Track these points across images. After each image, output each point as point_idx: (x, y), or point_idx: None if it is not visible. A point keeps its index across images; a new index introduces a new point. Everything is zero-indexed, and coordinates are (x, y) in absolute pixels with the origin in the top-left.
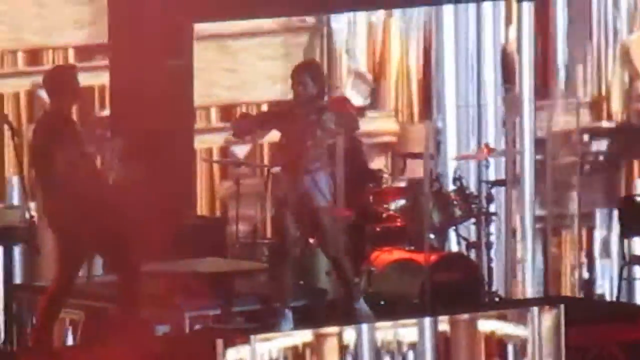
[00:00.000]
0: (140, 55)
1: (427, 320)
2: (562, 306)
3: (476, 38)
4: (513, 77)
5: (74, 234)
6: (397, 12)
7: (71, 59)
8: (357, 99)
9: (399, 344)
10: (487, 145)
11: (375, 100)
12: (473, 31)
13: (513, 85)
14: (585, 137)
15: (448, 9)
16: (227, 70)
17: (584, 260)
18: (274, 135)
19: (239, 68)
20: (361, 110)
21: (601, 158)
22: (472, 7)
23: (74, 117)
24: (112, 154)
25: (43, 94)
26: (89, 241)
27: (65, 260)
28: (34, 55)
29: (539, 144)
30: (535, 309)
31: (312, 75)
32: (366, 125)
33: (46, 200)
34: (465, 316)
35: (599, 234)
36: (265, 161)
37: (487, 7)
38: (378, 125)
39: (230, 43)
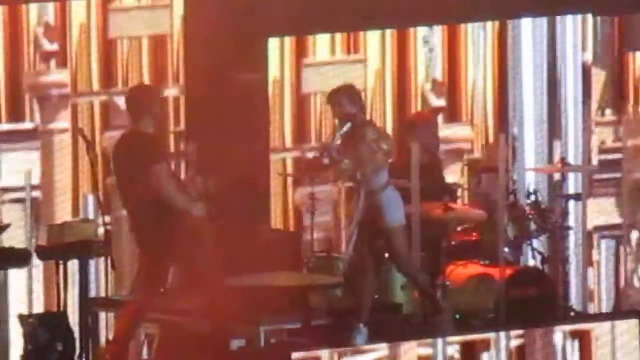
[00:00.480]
0: (215, 68)
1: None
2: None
3: (555, 52)
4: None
5: (161, 250)
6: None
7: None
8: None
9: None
10: (562, 160)
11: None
12: (552, 44)
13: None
14: None
15: (526, 22)
16: None
17: None
18: None
19: None
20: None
21: None
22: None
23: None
24: (193, 170)
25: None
26: (174, 257)
27: (150, 275)
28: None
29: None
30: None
31: (347, 96)
32: (442, 132)
33: (133, 218)
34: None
35: None
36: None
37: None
38: (453, 131)
39: None
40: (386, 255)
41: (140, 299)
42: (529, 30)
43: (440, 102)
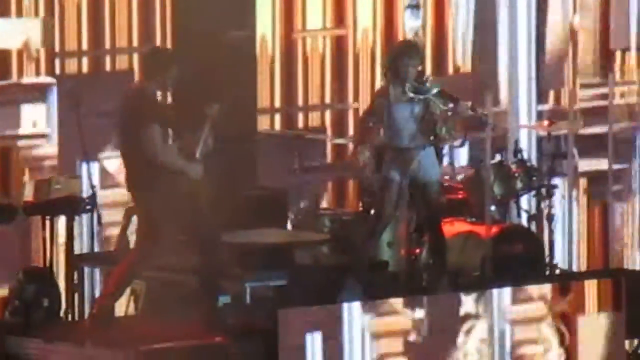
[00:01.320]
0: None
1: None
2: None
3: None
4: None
5: (157, 210)
6: None
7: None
8: None
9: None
10: (548, 119)
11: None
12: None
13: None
14: None
15: None
16: None
17: None
18: None
19: None
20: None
21: None
22: None
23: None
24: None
25: None
26: (169, 216)
27: (148, 233)
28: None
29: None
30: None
31: (417, 51)
32: None
33: (130, 175)
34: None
35: None
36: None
37: None
38: None
39: None
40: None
41: (135, 256)
42: None
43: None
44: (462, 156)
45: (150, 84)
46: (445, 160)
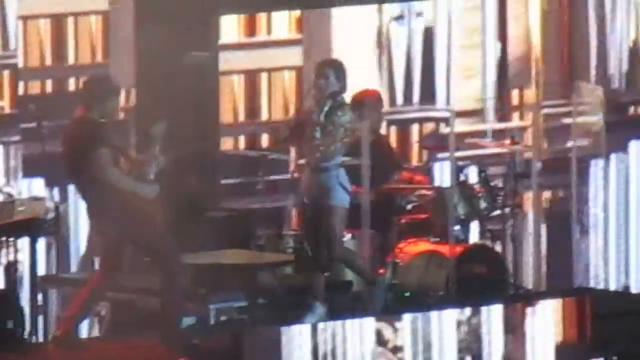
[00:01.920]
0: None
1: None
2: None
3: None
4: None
5: (114, 233)
6: None
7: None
8: None
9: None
10: (512, 138)
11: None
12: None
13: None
14: None
15: None
16: None
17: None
18: None
19: None
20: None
21: None
22: None
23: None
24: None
25: None
26: (127, 238)
27: (106, 256)
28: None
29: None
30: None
31: (335, 71)
32: None
33: (86, 202)
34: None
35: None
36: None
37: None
38: None
39: None
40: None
41: (99, 277)
42: None
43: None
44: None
45: (92, 112)
46: None
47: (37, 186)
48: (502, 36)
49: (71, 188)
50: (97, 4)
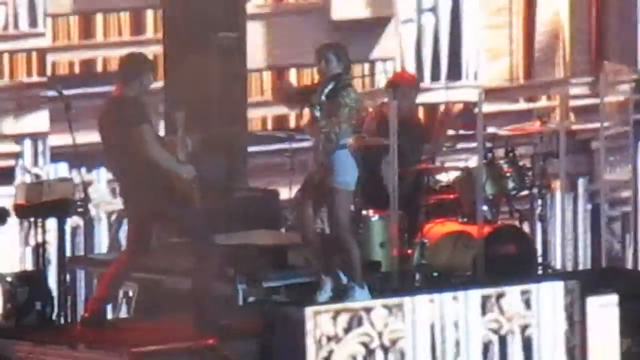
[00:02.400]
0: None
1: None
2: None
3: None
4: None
5: (150, 213)
6: None
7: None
8: None
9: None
10: (540, 119)
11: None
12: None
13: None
14: None
15: None
16: None
17: None
18: None
19: None
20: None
21: None
22: None
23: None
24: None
25: None
26: (162, 219)
27: (137, 236)
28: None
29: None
30: None
31: (336, 53)
32: None
33: (122, 182)
34: None
35: None
36: None
37: None
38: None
39: None
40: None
41: (126, 258)
42: None
43: None
44: None
45: (130, 89)
46: None
47: (64, 167)
48: (530, 16)
49: (101, 168)
50: None
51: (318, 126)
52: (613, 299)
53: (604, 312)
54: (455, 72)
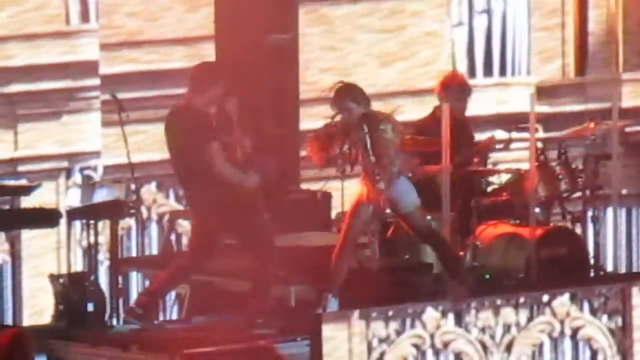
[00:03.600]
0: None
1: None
2: None
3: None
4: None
5: (214, 220)
6: None
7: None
8: None
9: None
10: (593, 120)
11: None
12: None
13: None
14: None
15: None
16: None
17: None
18: None
19: None
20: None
21: None
22: None
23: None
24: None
25: None
26: (228, 226)
27: (204, 243)
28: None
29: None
30: None
31: (354, 99)
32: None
33: (187, 188)
34: None
35: None
36: None
37: None
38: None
39: None
40: None
41: (187, 263)
42: None
43: None
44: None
45: (201, 98)
46: None
47: (117, 169)
48: (582, 17)
49: (154, 171)
50: None
51: (368, 165)
52: None
53: None
54: (506, 72)
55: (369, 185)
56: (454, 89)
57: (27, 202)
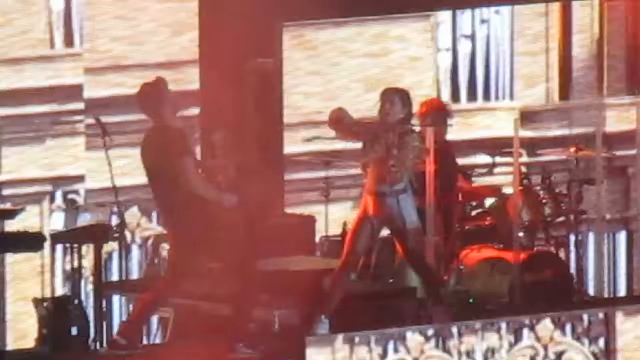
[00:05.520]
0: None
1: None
2: None
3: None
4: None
5: (193, 242)
6: None
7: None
8: None
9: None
10: (576, 145)
11: None
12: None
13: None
14: None
15: None
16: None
17: None
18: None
19: None
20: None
21: None
22: None
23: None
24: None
25: None
26: (206, 248)
27: (179, 263)
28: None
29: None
30: None
31: (401, 98)
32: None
33: (165, 212)
34: None
35: None
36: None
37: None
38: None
39: None
40: None
41: (165, 285)
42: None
43: None
44: None
45: (161, 116)
46: None
47: (101, 193)
48: (566, 42)
49: (137, 192)
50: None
51: (386, 165)
52: None
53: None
54: (490, 96)
55: (374, 198)
56: (433, 114)
57: (11, 226)
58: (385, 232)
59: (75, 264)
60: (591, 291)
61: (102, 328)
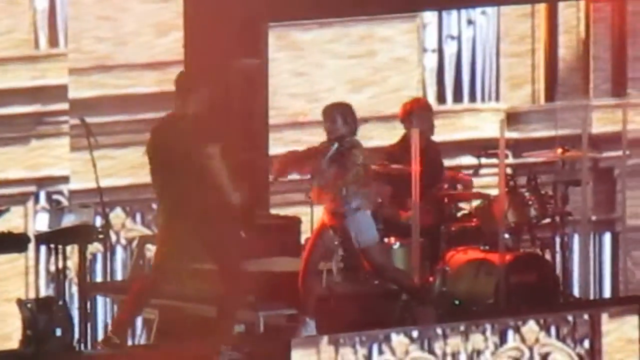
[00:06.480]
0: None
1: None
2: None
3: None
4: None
5: (193, 237)
6: None
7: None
8: None
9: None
10: (562, 146)
11: None
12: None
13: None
14: None
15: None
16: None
17: None
18: None
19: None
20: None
21: None
22: None
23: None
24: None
25: None
26: (204, 241)
27: (164, 261)
28: None
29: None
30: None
31: (342, 114)
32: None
33: (170, 202)
34: None
35: None
36: None
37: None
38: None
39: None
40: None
41: (150, 282)
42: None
43: None
44: None
45: (188, 105)
46: None
47: (86, 194)
48: (552, 43)
49: (122, 193)
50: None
51: (324, 187)
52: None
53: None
54: (476, 98)
55: (330, 210)
56: (417, 114)
57: None
58: None
59: (60, 264)
60: (576, 293)
61: (86, 329)
